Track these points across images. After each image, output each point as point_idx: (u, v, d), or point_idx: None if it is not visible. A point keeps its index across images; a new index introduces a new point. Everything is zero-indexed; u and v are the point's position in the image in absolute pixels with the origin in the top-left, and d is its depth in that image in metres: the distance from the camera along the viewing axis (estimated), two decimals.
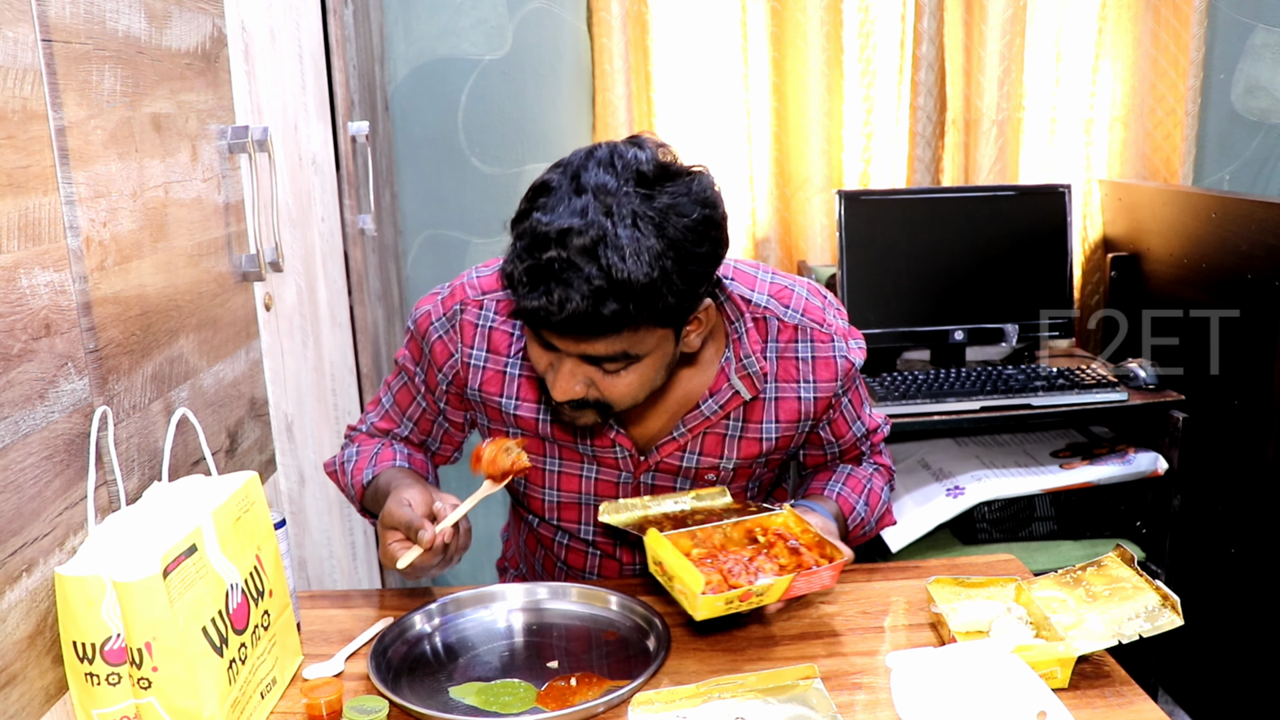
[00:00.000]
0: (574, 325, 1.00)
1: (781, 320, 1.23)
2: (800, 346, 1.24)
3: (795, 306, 1.25)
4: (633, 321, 1.02)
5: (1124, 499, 2.24)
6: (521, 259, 1.01)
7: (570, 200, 1.01)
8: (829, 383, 1.25)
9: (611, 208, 0.99)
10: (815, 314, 1.25)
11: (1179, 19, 2.49)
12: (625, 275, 0.98)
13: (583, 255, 0.98)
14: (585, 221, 0.98)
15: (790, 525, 1.21)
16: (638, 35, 2.43)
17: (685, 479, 1.31)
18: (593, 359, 1.06)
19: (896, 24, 2.47)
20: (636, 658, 1.16)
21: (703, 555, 1.15)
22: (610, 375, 1.08)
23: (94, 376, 1.04)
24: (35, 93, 0.96)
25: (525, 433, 1.28)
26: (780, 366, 1.24)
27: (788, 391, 1.25)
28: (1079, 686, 1.08)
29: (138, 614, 0.92)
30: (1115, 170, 2.60)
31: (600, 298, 0.98)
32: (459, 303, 1.25)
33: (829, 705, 1.01)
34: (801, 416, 1.27)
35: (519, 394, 1.25)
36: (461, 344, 1.24)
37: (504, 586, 1.30)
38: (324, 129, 1.92)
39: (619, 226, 0.99)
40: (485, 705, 1.08)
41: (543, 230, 1.00)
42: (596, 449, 1.27)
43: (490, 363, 1.24)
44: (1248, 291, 2.04)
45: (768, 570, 1.14)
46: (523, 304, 1.01)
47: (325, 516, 1.84)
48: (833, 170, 2.53)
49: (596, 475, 1.30)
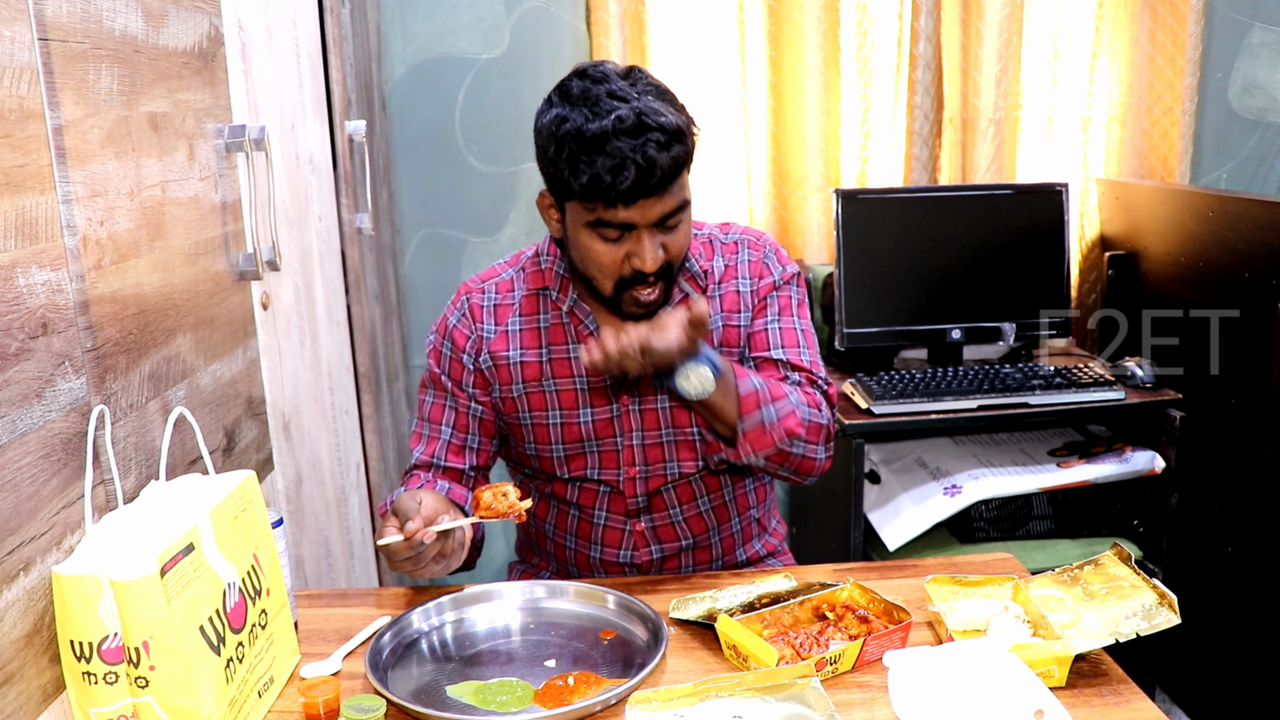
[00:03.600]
0: (662, 180, 1.24)
1: (723, 241, 1.48)
2: (740, 253, 1.47)
3: (734, 232, 1.50)
4: (687, 160, 1.28)
5: (1121, 498, 2.24)
6: (596, 163, 1.23)
7: (598, 105, 1.24)
8: (762, 280, 1.46)
9: (629, 95, 1.25)
10: (752, 234, 1.50)
11: (1176, 18, 2.49)
12: (673, 125, 1.25)
13: (640, 130, 1.23)
14: (625, 109, 1.23)
15: (856, 597, 1.23)
16: (635, 34, 2.42)
17: (663, 394, 1.43)
18: (663, 217, 1.28)
19: (894, 23, 2.47)
20: (634, 656, 1.16)
21: (774, 635, 1.17)
22: (673, 233, 1.31)
23: (91, 375, 1.04)
24: (32, 92, 0.96)
25: (529, 385, 1.43)
26: (725, 272, 1.46)
27: (729, 288, 1.45)
28: (1076, 685, 1.09)
29: (135, 613, 0.92)
30: (1112, 169, 2.60)
31: (668, 148, 1.24)
32: (465, 295, 1.46)
33: (826, 704, 1.01)
34: (741, 308, 1.45)
35: (522, 344, 1.43)
36: (474, 323, 1.44)
37: (501, 585, 1.31)
38: (321, 128, 1.92)
39: (643, 101, 1.25)
40: (482, 704, 1.08)
41: (601, 131, 1.23)
42: (590, 380, 1.42)
43: (497, 331, 1.44)
44: (1245, 290, 2.05)
45: (838, 640, 1.16)
46: (618, 186, 1.23)
47: (322, 515, 1.84)
48: (830, 169, 2.53)
49: (592, 417, 1.43)
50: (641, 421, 1.43)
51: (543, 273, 1.44)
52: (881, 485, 2.25)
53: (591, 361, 1.22)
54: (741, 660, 1.14)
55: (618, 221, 1.27)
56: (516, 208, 2.53)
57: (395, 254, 2.46)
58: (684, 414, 1.43)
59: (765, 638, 1.15)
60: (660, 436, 1.44)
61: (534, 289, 1.44)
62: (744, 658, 1.13)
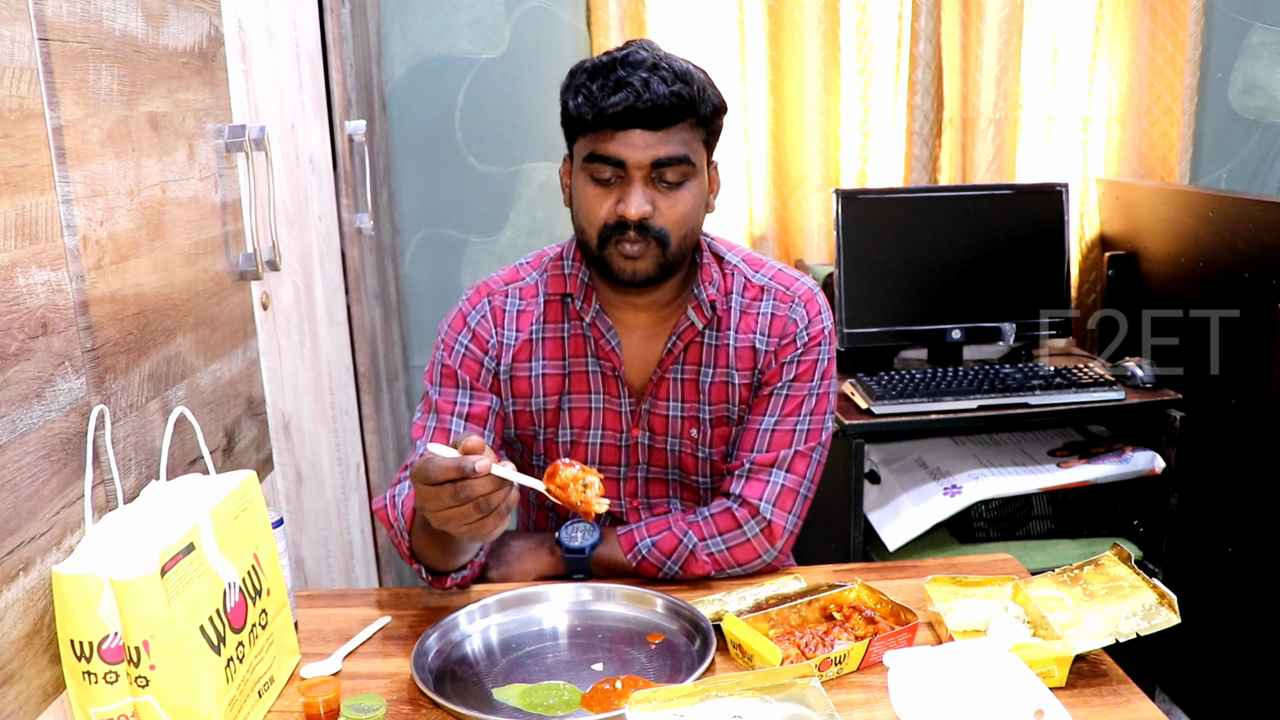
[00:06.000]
0: (657, 113, 1.22)
1: (749, 280, 1.40)
2: (763, 302, 1.39)
3: (765, 272, 1.41)
4: (694, 109, 1.25)
5: (1121, 498, 2.24)
6: (597, 84, 1.23)
7: (619, 54, 1.26)
8: (782, 340, 1.37)
9: (655, 51, 1.27)
10: (784, 280, 1.40)
11: (1176, 18, 2.49)
12: (684, 68, 1.25)
13: (651, 65, 1.23)
14: (645, 53, 1.25)
15: (864, 598, 1.22)
16: (635, 34, 2.42)
17: (673, 436, 1.40)
18: (658, 163, 1.24)
19: (894, 23, 2.47)
20: (682, 660, 1.15)
21: (780, 635, 1.17)
22: (670, 194, 1.27)
23: (91, 375, 1.04)
24: (32, 91, 0.96)
25: (548, 400, 1.39)
26: (743, 320, 1.38)
27: (744, 340, 1.38)
28: (1076, 685, 1.08)
29: (135, 612, 0.92)
30: (1112, 169, 2.60)
31: (672, 82, 1.23)
32: (486, 296, 1.41)
33: (826, 704, 1.01)
34: (757, 366, 1.38)
35: (545, 354, 1.38)
36: (496, 327, 1.39)
37: (548, 587, 1.28)
38: (321, 128, 1.92)
39: (668, 57, 1.26)
40: (529, 707, 1.06)
41: (611, 60, 1.25)
42: (605, 399, 1.39)
43: (519, 338, 1.39)
44: (1245, 290, 2.05)
45: (844, 640, 1.15)
46: (608, 107, 1.22)
47: (322, 516, 1.84)
48: (830, 169, 2.53)
49: (601, 440, 1.41)
50: (649, 456, 1.41)
51: (565, 278, 1.39)
52: (881, 485, 2.25)
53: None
54: (747, 660, 1.13)
55: (609, 154, 1.25)
56: (516, 208, 2.53)
57: (395, 254, 2.46)
58: (691, 460, 1.41)
59: (771, 638, 1.15)
60: (665, 474, 1.43)
61: (556, 294, 1.39)
62: (749, 657, 1.13)
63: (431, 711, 1.07)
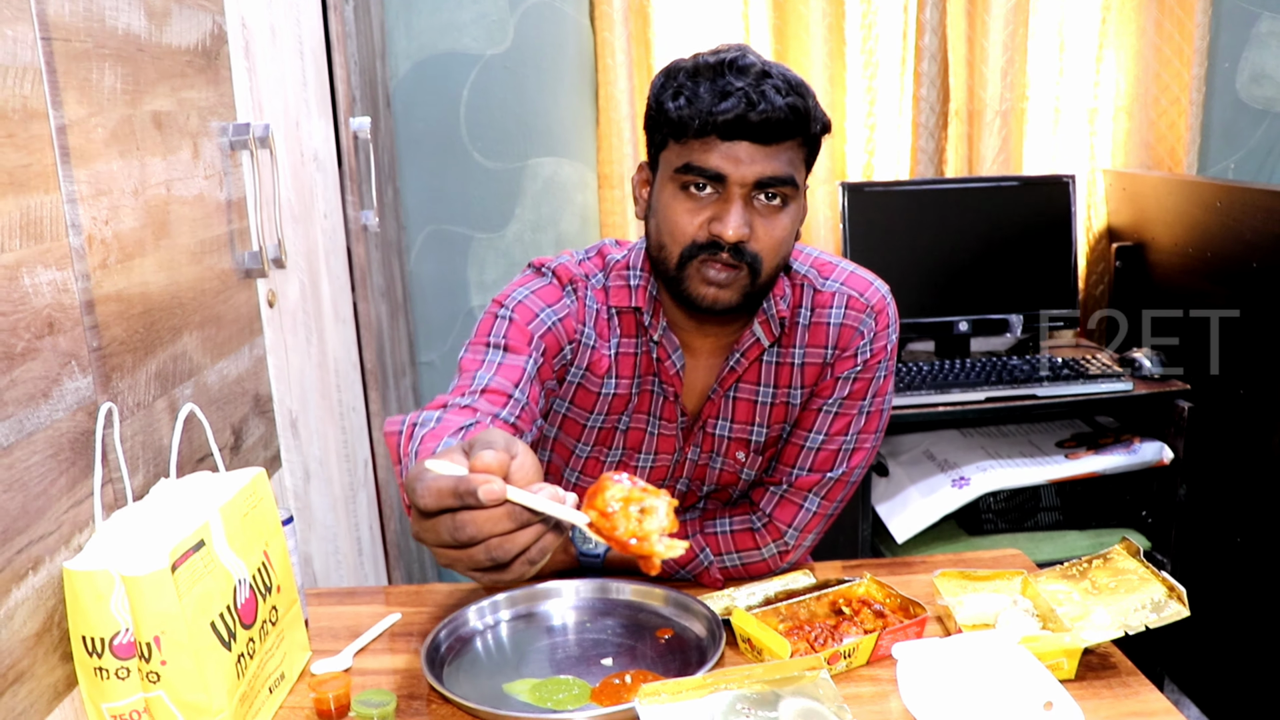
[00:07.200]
0: (770, 127, 1.11)
1: (818, 289, 1.28)
2: (833, 310, 1.28)
3: (836, 277, 1.30)
4: (805, 126, 1.14)
5: (1129, 489, 2.24)
6: (704, 88, 1.12)
7: (725, 56, 1.15)
8: (845, 352, 1.28)
9: (757, 58, 1.15)
10: (857, 283, 1.29)
11: (1183, 7, 2.47)
12: (798, 79, 1.15)
13: (762, 72, 1.13)
14: (753, 58, 1.15)
15: (873, 592, 1.22)
16: (640, 28, 2.42)
17: (719, 455, 1.33)
18: (761, 182, 1.14)
19: (899, 15, 2.47)
20: (692, 655, 1.15)
21: (789, 629, 1.17)
22: (769, 217, 1.16)
23: (98, 374, 1.04)
24: (35, 91, 0.96)
25: (608, 419, 1.30)
26: (811, 333, 1.28)
27: (814, 357, 1.29)
28: (1085, 677, 1.08)
29: (146, 608, 0.93)
30: (1119, 160, 2.59)
31: (786, 94, 1.12)
32: (570, 282, 1.28)
33: (836, 696, 1.01)
34: (820, 380, 1.30)
35: (619, 372, 1.28)
36: (578, 322, 1.27)
37: (558, 583, 1.28)
38: (325, 125, 1.92)
39: (774, 64, 1.15)
40: (539, 702, 1.07)
41: (718, 62, 1.14)
42: (662, 424, 1.31)
43: (598, 343, 1.27)
44: (1253, 281, 2.04)
45: (853, 634, 1.15)
46: (718, 114, 1.11)
47: (330, 513, 1.84)
48: (836, 162, 2.53)
49: (651, 464, 1.34)
50: (692, 471, 1.37)
51: (631, 289, 1.26)
52: (889, 478, 2.25)
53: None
54: (756, 653, 1.14)
55: (709, 167, 1.13)
56: (522, 203, 2.53)
57: (401, 250, 2.46)
58: (733, 478, 1.36)
59: (781, 631, 1.15)
60: (702, 488, 1.38)
61: (626, 306, 1.27)
62: (759, 651, 1.13)
63: (441, 706, 1.08)
